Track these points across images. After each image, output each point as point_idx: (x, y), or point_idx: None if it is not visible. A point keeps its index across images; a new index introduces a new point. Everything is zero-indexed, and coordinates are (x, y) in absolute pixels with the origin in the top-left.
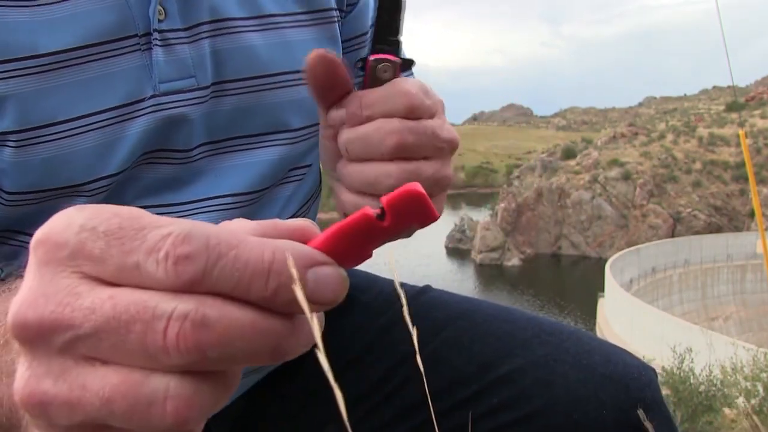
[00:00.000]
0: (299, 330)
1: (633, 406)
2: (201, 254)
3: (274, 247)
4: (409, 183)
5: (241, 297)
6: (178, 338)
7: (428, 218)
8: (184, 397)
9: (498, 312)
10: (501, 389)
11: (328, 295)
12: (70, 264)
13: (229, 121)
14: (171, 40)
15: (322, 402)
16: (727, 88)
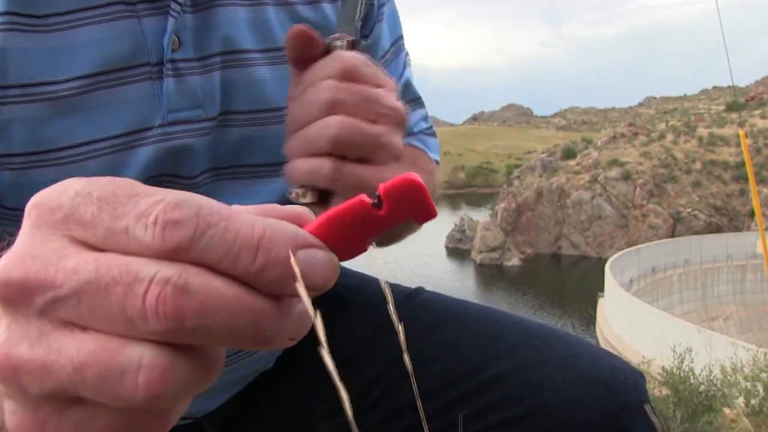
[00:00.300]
0: (286, 315)
1: (619, 409)
2: (190, 221)
3: (265, 224)
4: (408, 173)
5: (227, 271)
6: (158, 302)
7: (426, 213)
8: (158, 368)
9: (488, 315)
10: (489, 391)
11: (318, 279)
12: (61, 227)
13: (233, 151)
14: (183, 70)
15: (316, 401)
16: (727, 88)
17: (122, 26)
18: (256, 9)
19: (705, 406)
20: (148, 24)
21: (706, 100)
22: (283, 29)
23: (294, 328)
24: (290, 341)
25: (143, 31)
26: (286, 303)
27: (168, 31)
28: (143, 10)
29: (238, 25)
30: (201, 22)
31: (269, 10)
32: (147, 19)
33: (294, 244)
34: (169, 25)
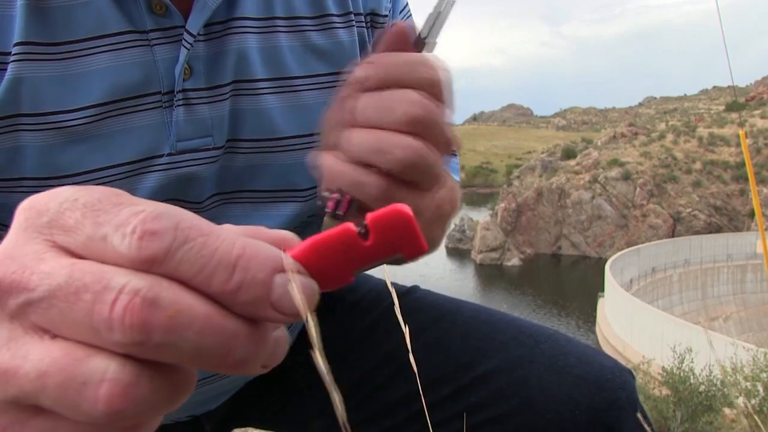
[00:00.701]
0: (260, 341)
1: (607, 406)
2: (168, 233)
3: (246, 243)
4: (398, 204)
5: (202, 288)
6: (125, 312)
7: (415, 247)
8: (121, 383)
9: (478, 314)
10: (478, 389)
11: (294, 305)
12: (45, 231)
13: (238, 177)
14: (193, 100)
15: (309, 398)
16: (727, 88)
17: (134, 55)
18: (268, 37)
19: (705, 406)
20: (160, 53)
21: (706, 100)
22: (294, 57)
23: (267, 355)
24: (262, 368)
25: (155, 60)
26: (261, 328)
27: (180, 61)
28: (156, 38)
29: (249, 53)
30: (213, 50)
31: (281, 37)
32: (159, 48)
33: (273, 266)
34: (181, 55)
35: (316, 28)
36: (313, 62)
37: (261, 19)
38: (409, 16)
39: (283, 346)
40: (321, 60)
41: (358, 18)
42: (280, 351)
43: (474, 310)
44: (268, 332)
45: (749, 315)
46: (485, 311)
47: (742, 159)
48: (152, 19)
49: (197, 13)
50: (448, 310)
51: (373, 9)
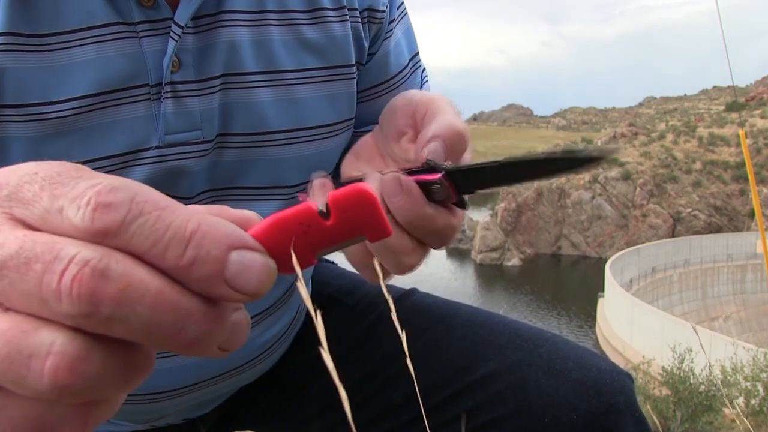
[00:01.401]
0: (215, 320)
1: (605, 410)
2: (123, 206)
3: (202, 219)
4: (361, 183)
5: (155, 262)
6: (73, 282)
7: (379, 229)
8: (67, 356)
9: (476, 317)
10: (475, 392)
11: (251, 282)
12: (3, 205)
13: (230, 172)
14: (181, 92)
15: (306, 400)
16: (727, 88)
17: (122, 46)
18: (259, 30)
19: (705, 406)
20: (148, 44)
21: (706, 100)
22: (286, 50)
23: (225, 337)
24: (221, 351)
25: (143, 52)
26: (217, 307)
27: (168, 53)
28: (144, 30)
29: (240, 46)
30: (203, 43)
31: (273, 31)
32: (148, 39)
33: (228, 242)
34: (169, 47)
35: (309, 21)
36: (305, 56)
37: (252, 12)
38: (405, 14)
39: (242, 329)
40: (314, 54)
41: (352, 13)
42: (240, 334)
43: (471, 314)
44: (226, 313)
45: (749, 315)
46: (483, 314)
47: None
48: (140, 11)
49: (185, 3)
50: (446, 314)
51: (371, 5)
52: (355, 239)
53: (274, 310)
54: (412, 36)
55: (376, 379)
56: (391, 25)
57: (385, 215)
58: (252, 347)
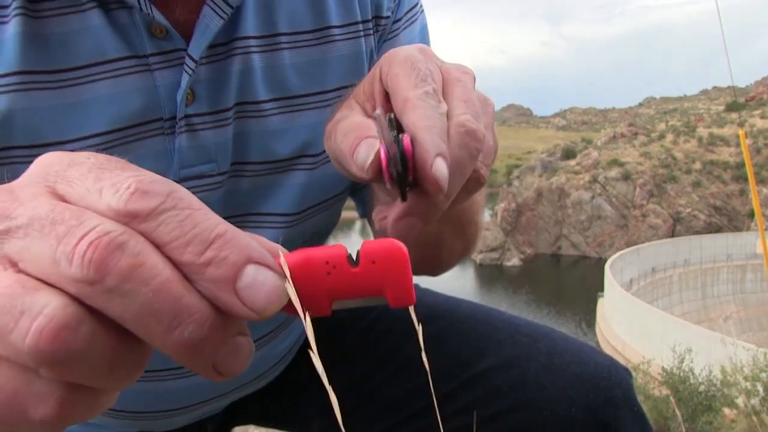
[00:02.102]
0: (217, 328)
1: (603, 404)
2: (159, 196)
3: (230, 228)
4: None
5: (174, 256)
6: (89, 247)
7: (403, 291)
8: (56, 320)
9: (476, 312)
10: (474, 387)
11: (259, 299)
12: (50, 179)
13: (246, 200)
14: (196, 125)
15: (310, 397)
16: (727, 88)
17: (135, 81)
18: (271, 55)
19: (705, 406)
20: (161, 77)
21: (706, 100)
22: (297, 75)
23: (222, 354)
24: (215, 373)
25: (156, 85)
26: (222, 318)
27: (182, 86)
28: (156, 62)
29: (253, 74)
30: (216, 73)
31: (284, 55)
32: (160, 72)
33: (248, 254)
34: (183, 80)
35: (317, 42)
36: (316, 78)
37: (263, 36)
38: (414, 21)
39: (243, 353)
40: (325, 75)
41: (365, 26)
42: (239, 358)
43: (471, 309)
44: (229, 327)
45: (749, 315)
46: (482, 310)
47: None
48: (152, 43)
49: (199, 36)
50: (446, 309)
51: (377, 12)
52: (375, 299)
53: (284, 328)
54: (427, 39)
55: (376, 377)
56: (397, 25)
57: (411, 279)
58: (264, 362)
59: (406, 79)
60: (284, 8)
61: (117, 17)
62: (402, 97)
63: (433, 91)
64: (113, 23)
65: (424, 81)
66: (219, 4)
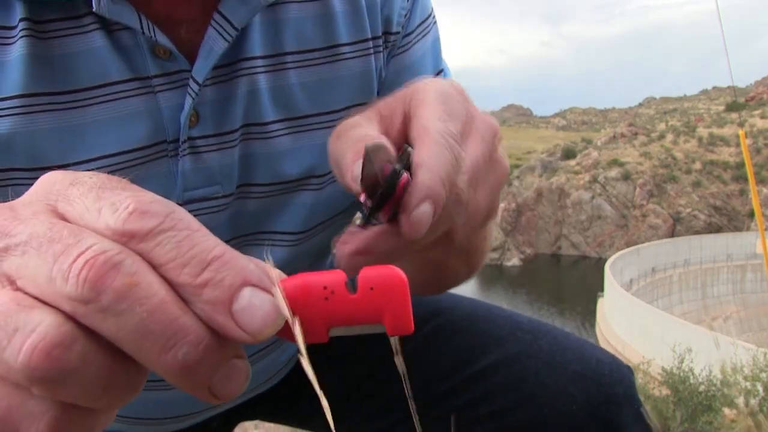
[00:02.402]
0: (212, 350)
1: (604, 401)
2: (156, 217)
3: (228, 250)
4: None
5: (170, 277)
6: (84, 266)
7: (401, 319)
8: (48, 338)
9: (476, 309)
10: (475, 385)
11: (255, 321)
12: (51, 198)
13: (254, 220)
14: (200, 148)
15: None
16: (727, 88)
17: (138, 103)
18: (277, 75)
19: (705, 406)
20: (164, 99)
21: (706, 100)
22: (305, 95)
23: (218, 377)
24: (211, 395)
25: (160, 107)
26: (217, 340)
27: (186, 109)
28: (160, 84)
29: (259, 95)
30: (221, 94)
31: (291, 75)
32: (163, 94)
33: (245, 276)
34: (187, 103)
35: (326, 60)
36: (325, 98)
37: (270, 56)
38: (427, 33)
39: (239, 376)
40: (333, 95)
41: (375, 43)
42: (235, 381)
43: (472, 306)
44: (225, 350)
45: (749, 315)
46: (483, 307)
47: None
48: (156, 64)
49: (203, 59)
50: (446, 306)
51: (386, 28)
52: (373, 326)
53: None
54: (439, 50)
55: (378, 375)
56: (408, 39)
57: (410, 307)
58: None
59: (435, 111)
60: (291, 27)
61: (120, 38)
62: (422, 125)
63: (457, 132)
64: (116, 45)
65: (451, 117)
66: (224, 26)
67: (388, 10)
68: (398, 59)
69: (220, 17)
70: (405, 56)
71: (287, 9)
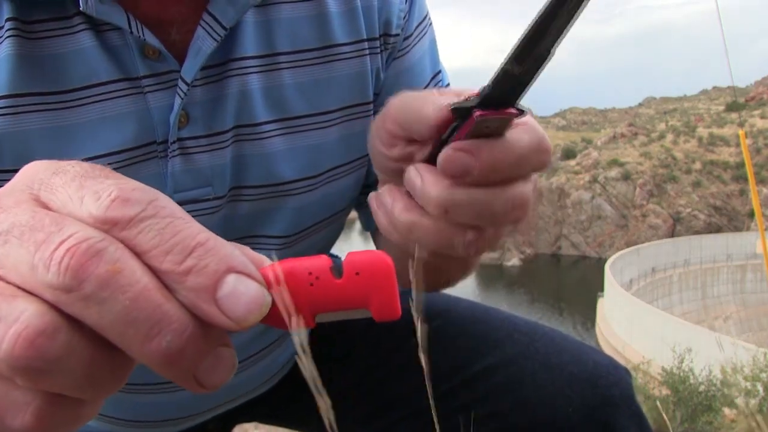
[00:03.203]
0: (197, 337)
1: (600, 403)
2: (139, 204)
3: (212, 237)
4: (382, 252)
5: (153, 264)
6: (66, 253)
7: (387, 305)
8: (32, 327)
9: (474, 311)
10: (472, 387)
11: (239, 308)
12: (34, 187)
13: (247, 224)
14: (190, 149)
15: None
16: (727, 88)
17: (127, 104)
18: (270, 75)
19: (705, 406)
20: (154, 100)
21: (706, 100)
22: (299, 94)
23: (203, 366)
24: (197, 385)
25: (149, 108)
26: (203, 327)
27: (175, 109)
28: (149, 85)
29: (251, 95)
30: (212, 95)
31: (284, 75)
32: (153, 95)
33: (229, 263)
34: (176, 103)
35: (321, 60)
36: (320, 99)
37: (262, 56)
38: (424, 35)
39: (225, 365)
40: (329, 95)
41: (372, 44)
42: (221, 370)
43: (469, 308)
44: (210, 337)
45: (749, 315)
46: (480, 309)
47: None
48: (145, 64)
49: (191, 58)
50: (444, 308)
51: (386, 30)
52: (358, 311)
53: (285, 339)
54: (436, 52)
55: (378, 373)
56: (407, 42)
57: (397, 292)
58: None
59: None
60: (285, 27)
61: (108, 39)
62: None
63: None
64: (104, 45)
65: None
66: (213, 26)
67: (386, 13)
68: (398, 62)
69: (209, 17)
70: (405, 59)
71: (279, 9)
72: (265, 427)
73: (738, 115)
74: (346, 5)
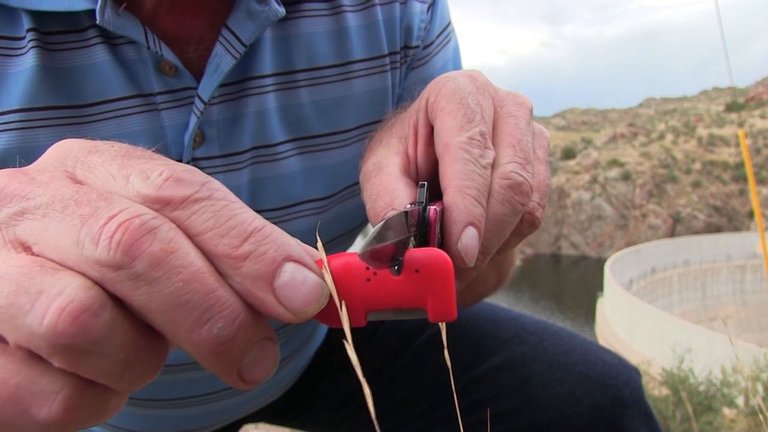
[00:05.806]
0: (247, 326)
1: (610, 403)
2: (193, 185)
3: (269, 224)
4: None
5: (207, 248)
6: (117, 228)
7: (444, 305)
8: (77, 302)
9: (482, 311)
10: (480, 387)
11: (298, 298)
12: (69, 164)
13: None
14: (205, 170)
15: (318, 395)
16: (727, 88)
17: (141, 121)
18: (288, 94)
19: (705, 406)
20: (168, 118)
21: (706, 100)
22: (317, 113)
23: (248, 358)
24: (239, 379)
25: (163, 126)
26: (256, 321)
27: (190, 128)
28: (164, 102)
29: (269, 115)
30: (228, 114)
31: (302, 93)
32: (167, 112)
33: (288, 251)
34: (191, 122)
35: (339, 78)
36: (337, 117)
37: (280, 74)
38: (447, 43)
39: (269, 359)
40: (347, 113)
41: (392, 58)
42: (264, 364)
43: (477, 307)
44: (259, 328)
45: (749, 315)
46: (488, 308)
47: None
48: (160, 81)
49: (209, 76)
50: None
51: (406, 42)
52: (414, 311)
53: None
54: (459, 59)
55: (383, 376)
56: (427, 50)
57: (454, 293)
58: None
59: (452, 119)
60: (303, 44)
61: (124, 53)
62: (444, 142)
63: (480, 135)
64: (119, 60)
65: (470, 122)
66: (232, 43)
67: (407, 24)
68: (417, 72)
69: (228, 33)
70: (425, 68)
71: (299, 24)
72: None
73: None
74: (367, 19)
